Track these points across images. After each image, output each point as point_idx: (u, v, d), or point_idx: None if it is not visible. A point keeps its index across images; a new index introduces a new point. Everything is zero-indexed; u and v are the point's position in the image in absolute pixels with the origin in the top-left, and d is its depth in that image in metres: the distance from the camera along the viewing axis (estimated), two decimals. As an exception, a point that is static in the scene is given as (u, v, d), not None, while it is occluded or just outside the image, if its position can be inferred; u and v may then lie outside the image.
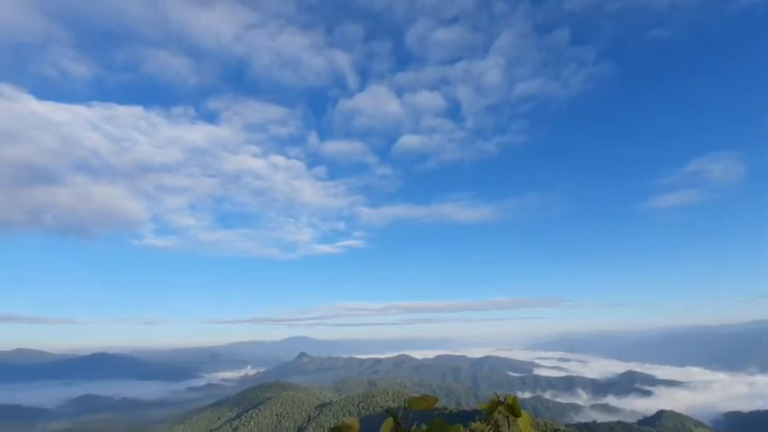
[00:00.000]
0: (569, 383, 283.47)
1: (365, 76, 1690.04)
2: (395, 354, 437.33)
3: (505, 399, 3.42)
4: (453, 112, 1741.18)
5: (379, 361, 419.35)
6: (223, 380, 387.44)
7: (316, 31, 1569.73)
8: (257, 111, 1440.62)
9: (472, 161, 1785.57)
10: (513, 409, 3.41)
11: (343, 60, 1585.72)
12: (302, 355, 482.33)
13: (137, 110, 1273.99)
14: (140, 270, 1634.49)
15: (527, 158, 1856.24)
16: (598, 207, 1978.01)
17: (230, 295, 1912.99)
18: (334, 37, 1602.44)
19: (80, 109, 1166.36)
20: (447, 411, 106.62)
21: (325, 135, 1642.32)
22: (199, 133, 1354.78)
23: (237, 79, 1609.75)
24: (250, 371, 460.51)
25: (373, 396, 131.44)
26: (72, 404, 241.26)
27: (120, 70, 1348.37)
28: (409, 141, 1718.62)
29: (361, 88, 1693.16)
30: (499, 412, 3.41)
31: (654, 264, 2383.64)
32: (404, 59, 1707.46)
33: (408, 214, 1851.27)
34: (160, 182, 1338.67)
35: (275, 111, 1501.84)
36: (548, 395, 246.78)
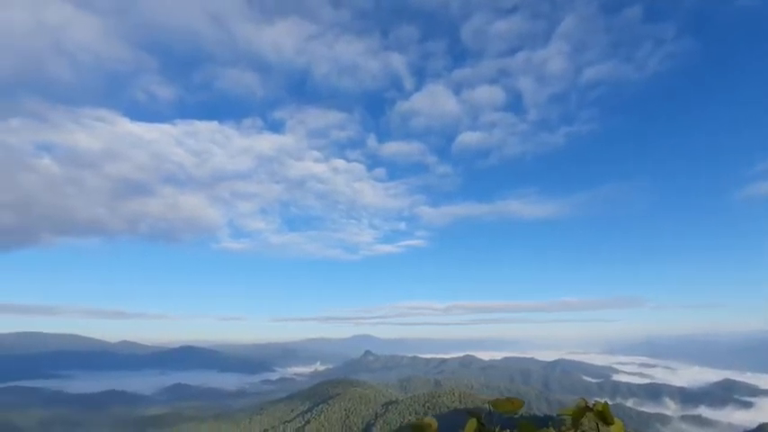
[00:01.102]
0: (654, 391, 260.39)
1: (421, 76, 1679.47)
2: (460, 354, 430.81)
3: (594, 405, 3.10)
4: (514, 104, 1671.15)
5: (444, 361, 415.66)
6: (295, 374, 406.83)
7: (371, 36, 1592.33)
8: (318, 117, 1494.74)
9: (536, 155, 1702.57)
10: (604, 417, 3.11)
11: (398, 62, 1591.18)
12: (367, 353, 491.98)
13: (213, 124, 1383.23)
14: (219, 271, 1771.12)
15: (599, 149, 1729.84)
16: (683, 198, 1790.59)
17: (298, 294, 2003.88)
18: (389, 40, 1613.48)
19: (166, 127, 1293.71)
20: (517, 416, 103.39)
21: (383, 137, 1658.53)
22: (266, 142, 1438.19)
23: (299, 89, 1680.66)
24: (319, 367, 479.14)
25: (439, 396, 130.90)
26: (166, 392, 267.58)
27: (198, 90, 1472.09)
28: (468, 138, 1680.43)
29: (418, 88, 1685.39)
30: (588, 419, 3.13)
31: (750, 260, 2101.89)
32: (460, 56, 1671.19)
33: (470, 212, 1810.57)
34: (234, 189, 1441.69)
35: (335, 116, 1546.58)
36: (630, 403, 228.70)
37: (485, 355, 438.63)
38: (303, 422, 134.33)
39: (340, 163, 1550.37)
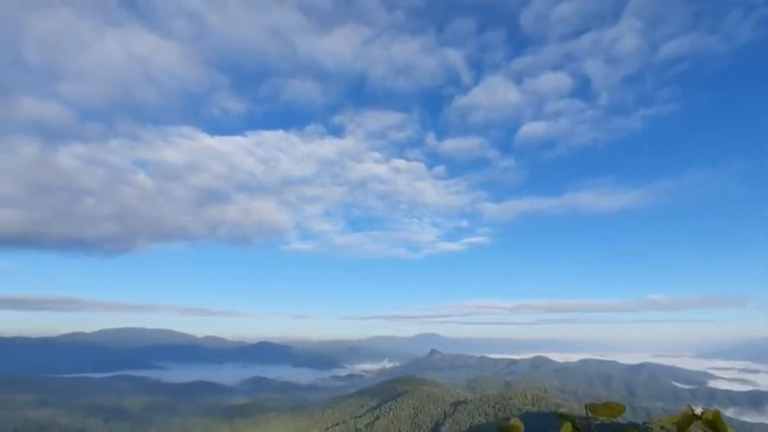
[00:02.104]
0: (759, 400, 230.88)
1: (479, 69, 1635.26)
2: (531, 355, 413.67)
3: (703, 413, 2.81)
4: (582, 90, 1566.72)
5: (514, 362, 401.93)
6: (363, 371, 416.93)
7: (426, 34, 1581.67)
8: (377, 119, 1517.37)
9: (610, 142, 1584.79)
10: (715, 426, 2.80)
11: (455, 57, 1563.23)
12: (433, 351, 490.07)
13: (278, 133, 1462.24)
14: (289, 271, 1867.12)
15: (682, 131, 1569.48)
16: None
17: (364, 293, 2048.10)
18: (444, 36, 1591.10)
19: (238, 139, 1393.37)
20: (598, 422, 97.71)
21: (442, 134, 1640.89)
22: (328, 147, 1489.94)
23: (358, 93, 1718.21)
24: (386, 364, 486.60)
25: (510, 398, 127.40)
26: (247, 384, 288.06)
27: (264, 101, 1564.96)
28: (532, 129, 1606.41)
29: (476, 82, 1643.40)
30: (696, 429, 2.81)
31: None
32: (520, 44, 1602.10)
33: (537, 207, 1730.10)
34: (300, 193, 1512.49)
35: (393, 117, 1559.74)
36: (729, 413, 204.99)
37: (558, 357, 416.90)
38: (373, 418, 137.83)
39: (400, 163, 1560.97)
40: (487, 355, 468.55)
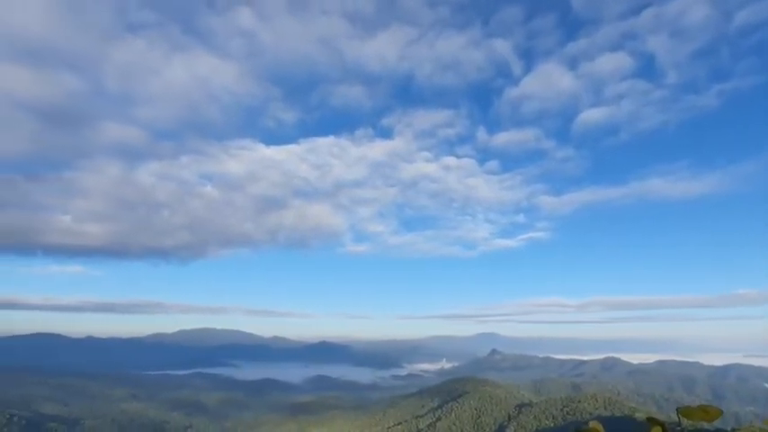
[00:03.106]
0: None
1: (530, 57, 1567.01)
2: (601, 356, 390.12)
3: None
4: (646, 69, 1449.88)
5: (582, 363, 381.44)
6: (422, 371, 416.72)
7: (472, 28, 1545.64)
8: (425, 118, 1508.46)
9: (681, 123, 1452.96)
10: None
11: (503, 48, 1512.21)
12: (494, 351, 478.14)
13: (330, 139, 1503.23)
14: (346, 272, 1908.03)
15: (766, 104, 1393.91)
16: None
17: (420, 293, 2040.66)
18: (490, 27, 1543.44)
19: (293, 147, 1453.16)
20: (679, 428, 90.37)
21: (493, 128, 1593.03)
22: (378, 149, 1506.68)
23: (405, 93, 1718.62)
24: (446, 364, 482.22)
25: (579, 401, 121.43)
26: (311, 382, 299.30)
27: (315, 109, 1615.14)
28: (592, 116, 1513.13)
29: (527, 71, 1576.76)
30: None
31: None
32: (573, 27, 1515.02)
33: (600, 197, 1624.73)
34: (353, 196, 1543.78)
35: (442, 114, 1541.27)
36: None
37: (632, 358, 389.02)
38: (434, 418, 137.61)
39: (450, 160, 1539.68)
40: (552, 355, 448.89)
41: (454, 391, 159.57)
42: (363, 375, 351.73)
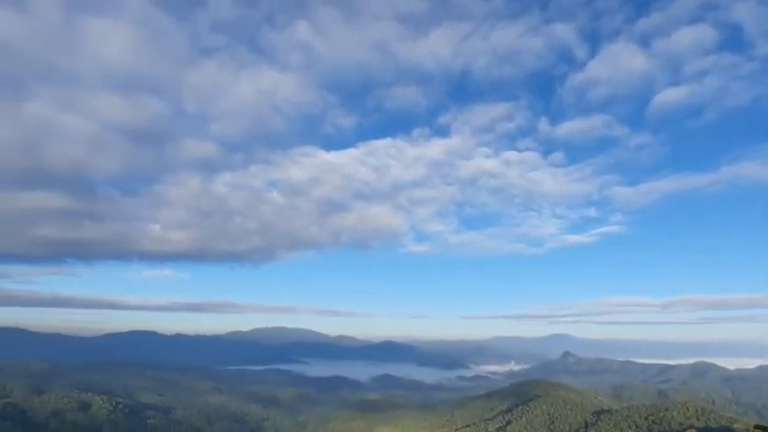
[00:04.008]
0: None
1: (595, 39, 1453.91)
2: (690, 360, 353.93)
3: None
4: (732, 41, 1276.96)
5: (668, 367, 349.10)
6: (490, 372, 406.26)
7: (528, 15, 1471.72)
8: (482, 113, 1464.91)
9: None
10: None
11: (564, 32, 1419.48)
12: (567, 353, 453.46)
13: (387, 141, 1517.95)
14: (408, 273, 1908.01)
15: None
16: None
17: (485, 292, 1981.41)
18: (550, 12, 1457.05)
19: (352, 151, 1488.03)
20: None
21: (556, 118, 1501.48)
22: (435, 148, 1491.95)
23: (460, 90, 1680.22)
24: (514, 366, 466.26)
25: (666, 409, 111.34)
26: (377, 380, 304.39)
27: (371, 113, 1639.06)
28: (669, 97, 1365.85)
29: (593, 54, 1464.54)
30: None
31: None
32: (643, 2, 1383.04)
33: (683, 186, 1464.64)
34: (411, 196, 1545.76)
35: (500, 108, 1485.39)
36: None
37: (727, 363, 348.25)
38: (504, 422, 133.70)
39: (511, 155, 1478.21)
40: (634, 359, 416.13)
41: (525, 394, 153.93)
42: (428, 375, 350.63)
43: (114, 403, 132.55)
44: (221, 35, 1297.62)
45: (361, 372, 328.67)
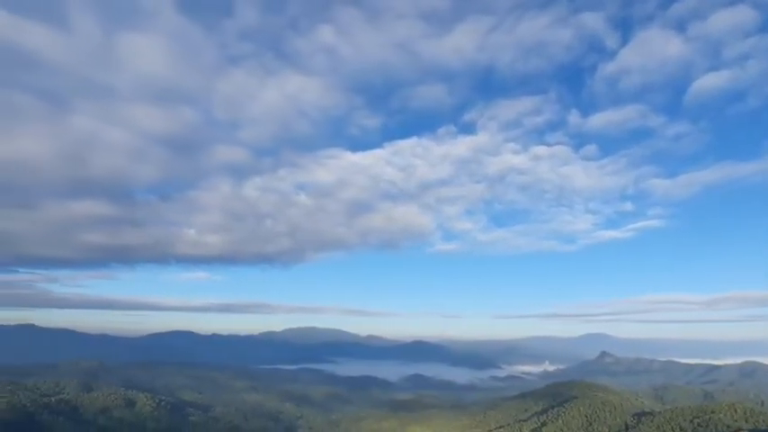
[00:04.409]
0: None
1: (626, 26, 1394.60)
2: (738, 360, 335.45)
3: None
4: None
5: (714, 368, 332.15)
6: (523, 373, 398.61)
7: (556, 5, 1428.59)
8: (509, 109, 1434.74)
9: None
10: None
11: (593, 21, 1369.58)
12: (604, 353, 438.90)
13: (413, 140, 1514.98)
14: (436, 272, 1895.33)
15: None
16: None
17: (516, 291, 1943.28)
18: (577, 2, 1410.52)
19: (378, 152, 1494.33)
20: None
21: (587, 110, 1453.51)
22: (461, 146, 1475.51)
23: (486, 85, 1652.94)
24: (549, 366, 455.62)
25: (713, 411, 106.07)
26: (408, 380, 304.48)
27: (396, 113, 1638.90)
28: (709, 83, 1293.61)
29: (624, 42, 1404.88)
30: None
31: None
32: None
33: (727, 176, 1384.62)
34: (438, 195, 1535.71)
35: (527, 102, 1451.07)
36: None
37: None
38: (539, 423, 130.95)
39: (540, 150, 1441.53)
40: (676, 359, 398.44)
41: (560, 395, 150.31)
42: (460, 375, 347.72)
43: (157, 401, 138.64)
44: (248, 43, 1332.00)
45: (391, 371, 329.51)
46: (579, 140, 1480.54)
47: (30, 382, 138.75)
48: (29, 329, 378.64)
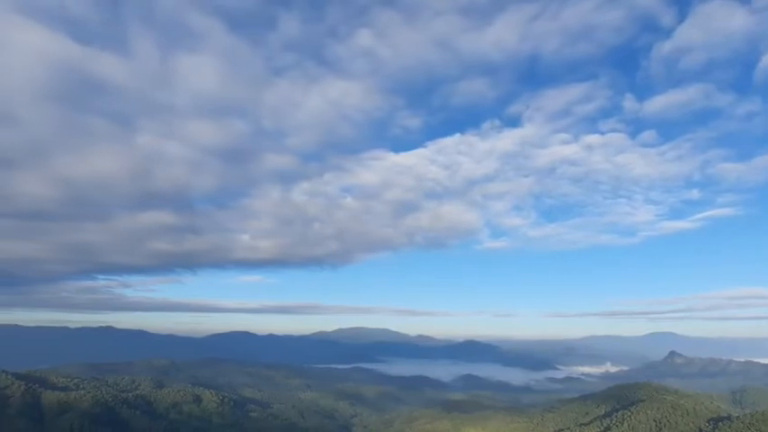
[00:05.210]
0: None
1: (682, 2, 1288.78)
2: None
3: None
4: None
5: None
6: (582, 374, 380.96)
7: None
8: (556, 98, 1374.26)
9: None
10: None
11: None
12: (673, 353, 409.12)
13: (456, 137, 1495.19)
14: (486, 270, 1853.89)
15: None
16: None
17: (571, 288, 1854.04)
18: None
19: (420, 151, 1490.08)
20: None
21: (644, 94, 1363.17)
22: (507, 140, 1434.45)
23: (530, 76, 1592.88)
24: (611, 367, 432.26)
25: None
26: (460, 380, 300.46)
27: (438, 111, 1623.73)
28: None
29: (682, 18, 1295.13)
30: None
31: None
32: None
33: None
34: (485, 192, 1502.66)
35: (576, 90, 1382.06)
36: None
37: None
38: (602, 428, 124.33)
39: (593, 138, 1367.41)
40: (756, 359, 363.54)
41: (625, 398, 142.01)
42: (514, 376, 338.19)
43: (221, 397, 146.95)
44: (291, 53, 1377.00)
45: (442, 371, 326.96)
46: (636, 127, 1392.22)
47: (110, 379, 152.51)
48: (108, 331, 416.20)
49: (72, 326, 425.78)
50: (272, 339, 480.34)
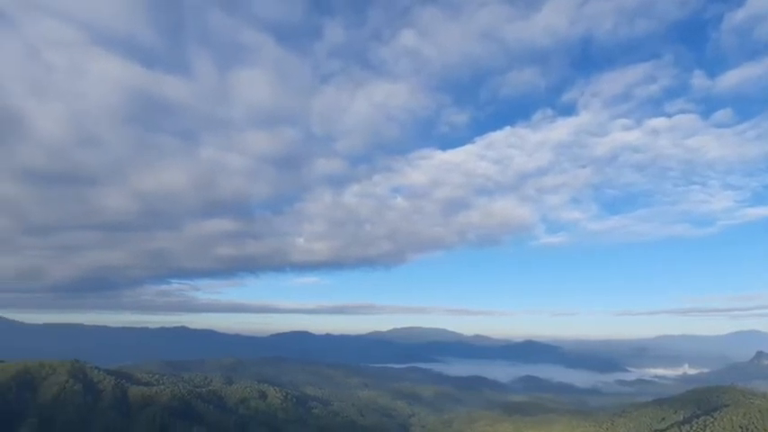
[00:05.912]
0: None
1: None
2: None
3: None
4: None
5: None
6: (656, 376, 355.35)
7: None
8: (614, 81, 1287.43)
9: None
10: None
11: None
12: (760, 354, 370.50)
13: (506, 131, 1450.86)
14: (543, 266, 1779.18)
15: None
16: None
17: (639, 284, 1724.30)
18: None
19: (469, 147, 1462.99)
20: None
21: (715, 69, 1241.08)
22: (560, 130, 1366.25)
23: (584, 60, 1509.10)
24: (689, 369, 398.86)
25: None
26: (520, 381, 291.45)
27: (486, 105, 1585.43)
28: None
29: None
30: None
31: None
32: None
33: None
34: (539, 185, 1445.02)
35: (636, 71, 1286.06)
36: None
37: None
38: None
39: (658, 122, 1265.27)
40: None
41: (706, 402, 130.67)
42: (579, 378, 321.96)
43: (285, 394, 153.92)
44: (336, 60, 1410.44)
45: (501, 372, 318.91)
46: (708, 106, 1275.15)
47: (185, 375, 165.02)
48: (182, 331, 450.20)
49: (151, 326, 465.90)
50: (329, 339, 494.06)
